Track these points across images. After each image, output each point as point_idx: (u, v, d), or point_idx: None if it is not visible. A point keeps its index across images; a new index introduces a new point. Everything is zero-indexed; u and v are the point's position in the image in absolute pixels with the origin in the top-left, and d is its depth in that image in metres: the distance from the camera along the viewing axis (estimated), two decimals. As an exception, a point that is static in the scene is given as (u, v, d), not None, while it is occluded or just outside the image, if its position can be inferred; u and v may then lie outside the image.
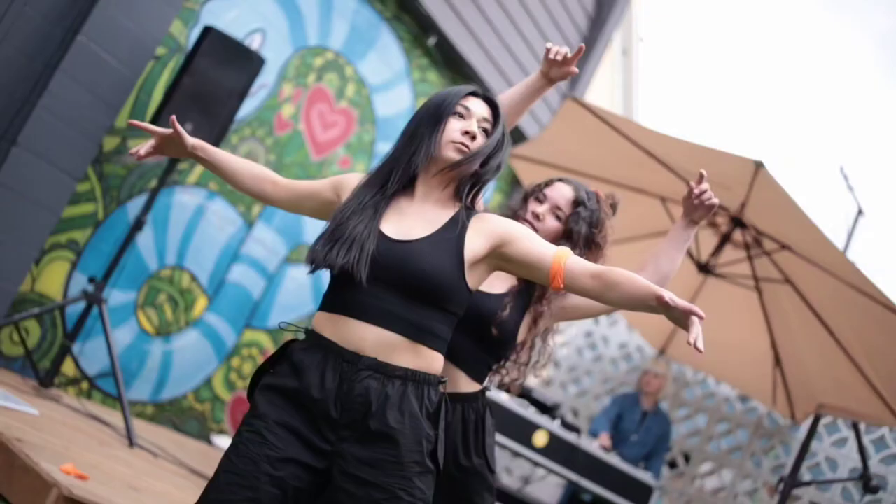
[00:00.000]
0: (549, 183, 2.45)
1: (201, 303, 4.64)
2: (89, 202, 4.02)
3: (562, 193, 2.40)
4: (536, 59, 6.10)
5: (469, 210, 1.94)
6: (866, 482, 4.60)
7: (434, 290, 1.83)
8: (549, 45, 2.43)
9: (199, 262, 4.58)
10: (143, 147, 2.07)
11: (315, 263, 1.86)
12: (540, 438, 3.98)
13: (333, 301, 1.87)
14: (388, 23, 5.18)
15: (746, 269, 4.78)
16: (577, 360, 6.33)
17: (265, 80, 4.57)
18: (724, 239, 4.62)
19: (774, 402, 5.11)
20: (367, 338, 1.81)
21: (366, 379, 1.79)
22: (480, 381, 2.33)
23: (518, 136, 5.97)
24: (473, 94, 1.96)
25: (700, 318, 1.67)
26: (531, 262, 1.88)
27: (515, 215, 2.41)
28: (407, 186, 1.94)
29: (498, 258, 1.92)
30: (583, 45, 2.40)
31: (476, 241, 1.89)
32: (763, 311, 4.97)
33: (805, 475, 5.06)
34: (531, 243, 1.90)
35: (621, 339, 6.25)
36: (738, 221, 4.54)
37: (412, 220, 1.89)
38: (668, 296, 1.70)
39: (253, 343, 4.94)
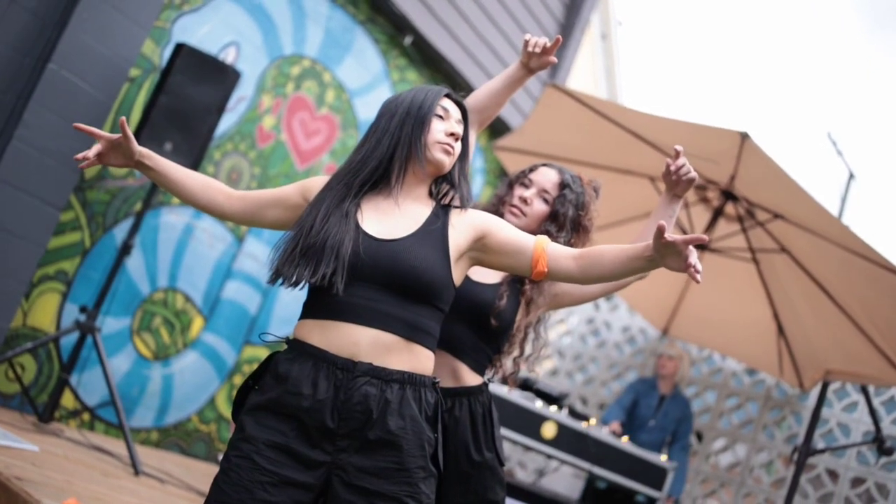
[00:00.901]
0: (533, 168, 2.46)
1: (198, 323, 4.61)
2: (75, 231, 3.98)
3: (547, 177, 2.41)
4: (514, 49, 6.07)
5: (445, 206, 1.96)
6: (880, 444, 4.58)
7: (426, 287, 1.81)
8: (527, 36, 2.44)
9: (192, 282, 4.54)
10: (89, 152, 1.93)
11: (284, 279, 1.81)
12: (548, 430, 3.95)
13: (319, 307, 1.81)
14: (362, 26, 5.14)
15: (742, 242, 4.75)
16: (581, 348, 6.30)
17: (243, 92, 4.54)
18: (717, 213, 4.59)
19: (781, 373, 5.08)
20: (362, 341, 1.77)
21: (363, 386, 1.74)
22: (482, 373, 2.33)
23: (502, 127, 5.94)
24: (447, 95, 1.97)
25: (703, 240, 1.70)
26: (512, 249, 1.90)
27: (502, 201, 2.43)
28: (377, 185, 1.91)
29: (479, 250, 1.93)
30: (560, 36, 2.42)
31: (459, 235, 1.90)
32: (762, 282, 4.94)
33: (819, 443, 5.03)
34: (511, 232, 1.94)
35: (623, 322, 6.21)
36: (728, 195, 4.51)
37: (393, 219, 1.86)
38: (668, 234, 1.71)
39: (254, 359, 4.91)
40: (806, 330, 4.80)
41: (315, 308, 1.83)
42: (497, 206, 2.45)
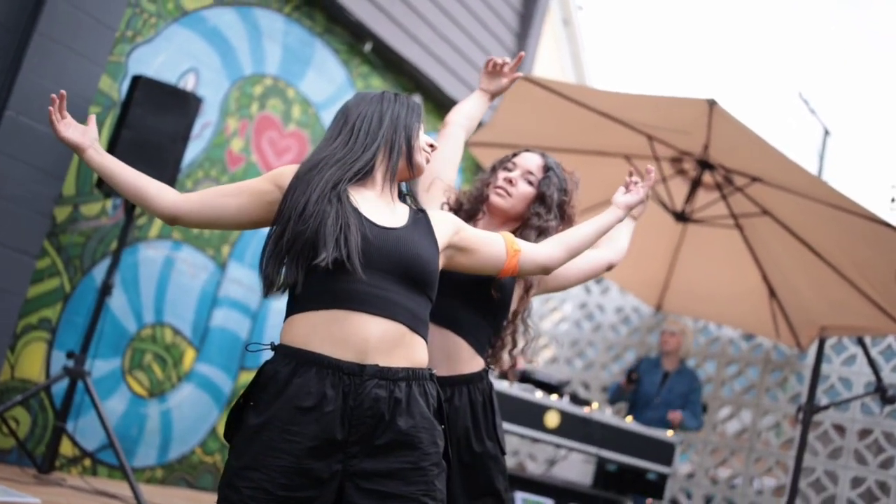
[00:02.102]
0: (516, 153, 2.50)
1: (189, 355, 4.56)
2: (53, 277, 3.93)
3: (531, 160, 2.44)
4: (474, 43, 6.05)
5: (417, 207, 2.00)
6: (883, 394, 4.58)
7: (430, 275, 1.84)
8: (490, 58, 2.55)
9: (179, 315, 4.49)
10: (53, 118, 1.86)
11: (287, 270, 1.76)
12: (551, 419, 3.93)
13: (323, 296, 1.74)
14: (320, 38, 5.11)
15: (723, 209, 4.74)
16: (577, 334, 6.29)
17: (207, 118, 4.50)
18: (695, 184, 4.58)
19: (778, 335, 5.08)
20: (372, 334, 1.73)
21: (372, 389, 1.70)
22: (481, 355, 2.31)
23: (472, 124, 5.91)
24: None
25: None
26: (485, 239, 2.02)
27: (486, 184, 2.45)
28: (360, 180, 1.91)
29: (454, 247, 1.97)
30: (522, 52, 2.54)
31: (441, 231, 1.94)
32: (748, 247, 4.93)
33: (822, 399, 5.03)
34: (478, 230, 2.08)
35: (616, 303, 6.21)
36: (704, 164, 4.50)
37: (384, 210, 1.87)
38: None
39: (250, 383, 4.87)
40: (797, 289, 4.80)
41: (317, 298, 1.75)
42: (481, 190, 2.46)
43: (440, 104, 6.00)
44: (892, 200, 6.77)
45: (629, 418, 4.51)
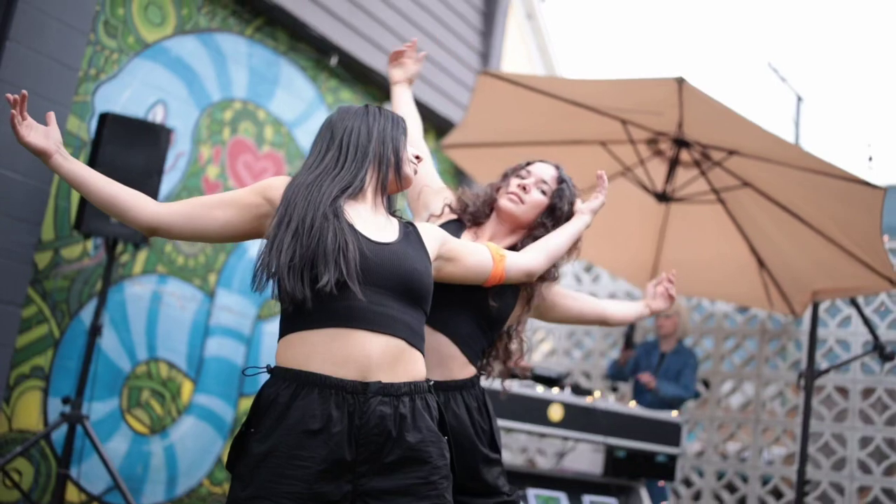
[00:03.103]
0: (530, 162, 2.52)
1: (187, 387, 4.53)
2: (41, 324, 3.90)
3: (545, 170, 2.46)
4: (440, 47, 6.05)
5: (406, 220, 2.02)
6: (881, 351, 4.60)
7: (426, 290, 1.85)
8: (393, 51, 2.67)
9: (172, 348, 4.46)
10: (15, 120, 1.74)
11: (285, 293, 1.72)
12: (555, 412, 3.92)
13: (322, 315, 1.72)
14: (285, 56, 5.10)
15: (704, 185, 4.75)
16: (573, 325, 6.28)
17: (180, 148, 4.48)
18: (673, 163, 4.58)
19: (771, 304, 5.08)
20: (374, 351, 1.72)
21: (378, 406, 1.69)
22: (474, 364, 2.30)
23: (447, 126, 5.91)
24: None
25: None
26: (471, 248, 2.10)
27: (496, 189, 2.47)
28: (352, 194, 1.91)
29: (441, 258, 2.01)
30: (415, 39, 2.64)
31: (430, 244, 1.96)
32: (732, 220, 4.94)
33: (822, 363, 5.04)
34: (462, 241, 2.14)
35: (608, 289, 6.21)
36: (680, 142, 4.50)
37: (376, 224, 1.87)
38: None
39: (251, 409, 4.84)
40: (785, 257, 4.81)
41: (314, 317, 1.73)
42: (491, 195, 2.48)
43: (412, 110, 5.98)
44: (870, 159, 6.80)
45: (632, 403, 4.51)
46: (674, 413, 4.45)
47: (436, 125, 6.13)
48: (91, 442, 3.62)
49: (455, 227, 2.43)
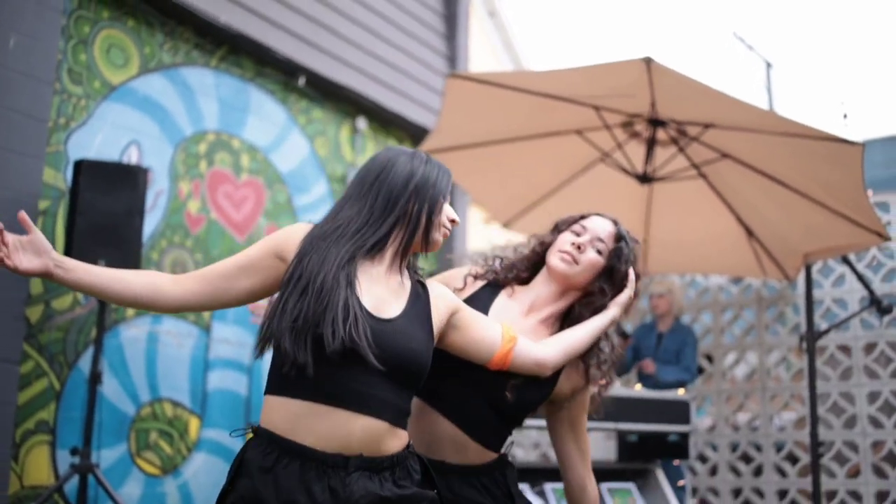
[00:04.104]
0: (585, 216, 2.26)
1: (194, 424, 4.51)
2: (40, 378, 3.87)
3: (602, 226, 2.21)
4: (406, 55, 6.05)
5: (419, 279, 1.90)
6: (878, 305, 4.61)
7: (419, 373, 1.76)
8: None
9: (175, 387, 4.45)
10: (5, 258, 1.62)
11: (285, 357, 1.63)
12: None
13: (307, 387, 1.66)
14: (252, 82, 5.09)
15: (683, 162, 4.76)
16: (570, 315, 6.30)
17: (159, 187, 4.46)
18: (651, 143, 4.59)
19: (764, 272, 5.09)
20: (355, 430, 1.66)
21: (360, 480, 1.65)
22: (495, 450, 2.10)
23: (421, 132, 5.91)
24: None
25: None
26: (482, 322, 1.94)
27: (545, 246, 2.24)
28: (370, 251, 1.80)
29: (449, 326, 1.90)
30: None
31: (438, 315, 1.86)
32: (716, 193, 4.95)
33: (821, 324, 5.06)
34: (475, 312, 1.97)
35: (601, 276, 6.22)
36: (655, 121, 4.51)
37: (382, 291, 1.77)
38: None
39: (260, 438, 4.83)
40: (772, 224, 4.82)
41: (300, 386, 1.67)
42: (540, 252, 2.25)
43: (385, 122, 5.99)
44: (845, 116, 6.85)
45: (638, 386, 4.51)
46: (680, 391, 4.46)
47: (411, 133, 6.13)
48: (104, 490, 3.60)
49: (488, 292, 2.20)
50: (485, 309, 2.11)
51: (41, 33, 3.89)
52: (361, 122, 5.75)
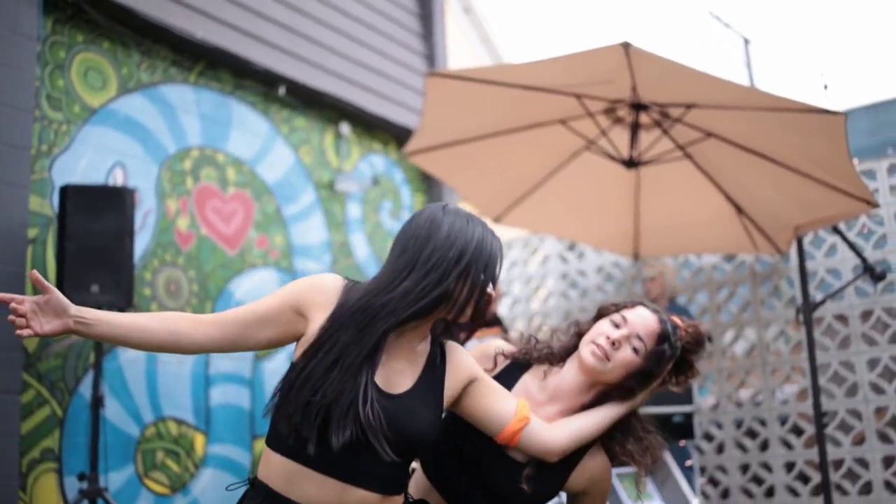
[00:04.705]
0: (629, 305, 2.10)
1: (199, 441, 4.51)
2: (42, 406, 3.87)
3: (646, 322, 2.03)
4: (384, 56, 6.05)
5: (440, 344, 1.88)
6: (871, 272, 4.63)
7: (421, 448, 1.78)
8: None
9: (177, 404, 4.44)
10: (24, 330, 1.66)
11: (299, 432, 1.64)
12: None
13: (307, 454, 1.67)
14: (232, 95, 5.08)
15: (668, 144, 4.77)
16: (566, 305, 6.30)
17: (147, 206, 4.46)
18: (635, 128, 4.60)
19: (756, 247, 5.11)
20: (349, 501, 1.69)
21: None
22: None
23: (405, 133, 5.91)
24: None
25: None
26: (498, 394, 1.90)
27: (580, 333, 2.10)
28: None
29: (463, 393, 1.88)
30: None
31: (453, 383, 1.84)
32: (703, 173, 4.97)
33: (816, 295, 5.07)
34: (495, 385, 1.92)
35: (595, 264, 6.23)
36: (637, 106, 4.52)
37: (399, 362, 1.78)
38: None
39: (267, 450, 4.82)
40: (761, 199, 4.84)
41: (298, 452, 1.69)
42: (574, 338, 2.11)
43: (368, 126, 5.99)
44: (825, 87, 6.89)
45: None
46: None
47: (395, 135, 6.13)
48: (114, 514, 3.60)
49: (514, 372, 2.11)
50: (507, 388, 2.04)
51: (17, 62, 3.88)
52: (345, 128, 5.75)
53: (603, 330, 2.03)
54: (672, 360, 2.06)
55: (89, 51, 4.35)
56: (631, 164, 4.65)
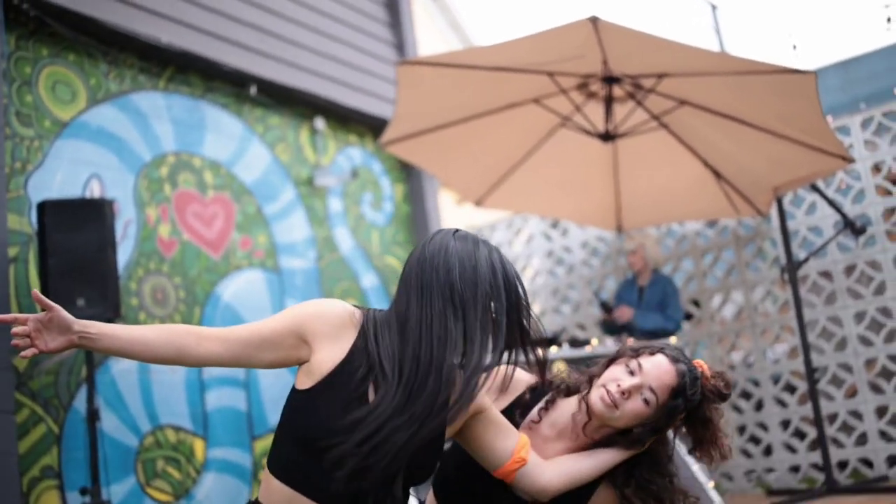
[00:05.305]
0: (647, 352, 2.01)
1: (199, 446, 4.51)
2: (38, 425, 3.85)
3: (661, 373, 1.95)
4: (353, 48, 6.03)
5: None
6: (852, 227, 4.69)
7: (418, 482, 1.78)
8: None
9: (173, 412, 4.43)
10: (28, 350, 1.68)
11: (299, 462, 1.68)
12: (559, 370, 3.95)
13: (309, 484, 1.69)
14: (203, 99, 5.05)
15: (643, 115, 4.79)
16: (554, 282, 6.33)
17: (126, 216, 4.43)
18: (609, 101, 4.62)
19: (737, 211, 5.15)
20: None
21: None
22: None
23: (381, 124, 5.90)
24: None
25: None
26: (501, 429, 1.90)
27: (591, 379, 2.05)
28: None
29: (466, 424, 1.88)
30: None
31: (456, 419, 1.82)
32: (680, 141, 4.99)
33: (800, 254, 5.12)
34: (499, 419, 1.91)
35: (579, 239, 6.25)
36: (610, 79, 4.53)
37: None
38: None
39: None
40: (738, 163, 4.87)
41: (301, 480, 1.70)
42: (586, 382, 2.05)
43: (343, 119, 5.97)
44: (794, 47, 6.91)
45: (630, 341, 4.54)
46: (672, 339, 4.50)
47: (371, 127, 6.12)
48: (119, 525, 3.60)
49: (532, 398, 2.08)
50: (520, 415, 2.03)
51: (-17, 80, 3.84)
52: (319, 123, 5.73)
53: (616, 376, 1.97)
54: (685, 411, 1.98)
55: (55, 64, 4.31)
56: (607, 137, 4.66)
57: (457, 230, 1.82)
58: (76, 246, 3.71)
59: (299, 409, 1.71)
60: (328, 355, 1.71)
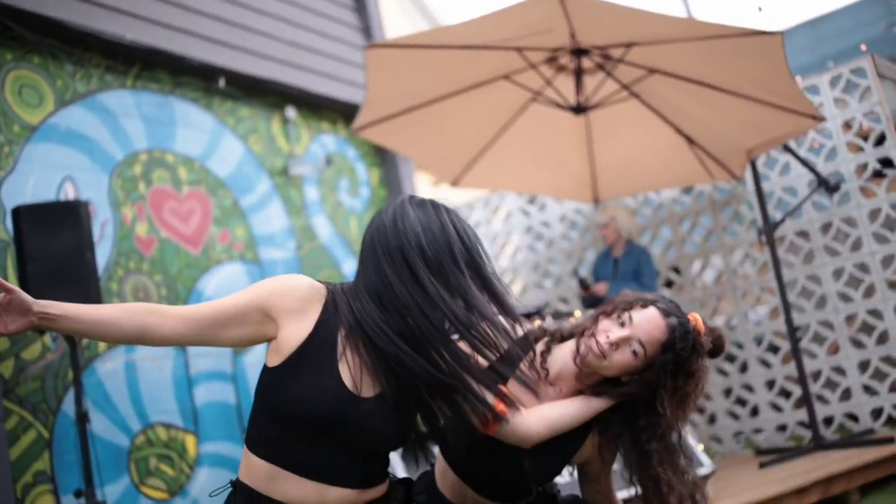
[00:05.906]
0: (640, 303, 2.02)
1: (191, 442, 4.51)
2: (28, 431, 3.84)
3: (651, 327, 1.96)
4: (320, 35, 5.99)
5: None
6: (826, 185, 4.74)
7: (385, 451, 1.82)
8: None
9: (163, 409, 4.43)
10: None
11: (276, 436, 1.71)
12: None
13: (285, 456, 1.72)
14: (172, 94, 5.01)
15: (613, 86, 4.81)
16: (534, 258, 6.36)
17: (103, 217, 4.40)
18: (578, 74, 4.62)
19: (712, 175, 5.19)
20: (330, 497, 1.73)
21: None
22: None
23: (353, 109, 5.88)
24: None
25: None
26: None
27: (581, 332, 2.05)
28: None
29: None
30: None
31: None
32: (651, 109, 5.01)
33: (776, 215, 5.17)
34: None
35: (557, 213, 6.28)
36: (578, 51, 4.54)
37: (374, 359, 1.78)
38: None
39: (259, 442, 4.84)
40: (710, 128, 4.90)
41: (276, 453, 1.73)
42: (577, 335, 2.06)
43: (314, 107, 5.95)
44: (759, 9, 6.94)
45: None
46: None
47: (343, 113, 6.10)
48: (116, 525, 3.60)
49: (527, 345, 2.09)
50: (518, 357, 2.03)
51: (-53, 88, 3.79)
52: (290, 112, 5.70)
53: (607, 327, 1.99)
54: (675, 360, 1.98)
55: (20, 68, 4.26)
56: (579, 109, 4.67)
57: (411, 197, 1.83)
58: (54, 250, 3.69)
59: (271, 385, 1.72)
60: (295, 331, 1.71)
